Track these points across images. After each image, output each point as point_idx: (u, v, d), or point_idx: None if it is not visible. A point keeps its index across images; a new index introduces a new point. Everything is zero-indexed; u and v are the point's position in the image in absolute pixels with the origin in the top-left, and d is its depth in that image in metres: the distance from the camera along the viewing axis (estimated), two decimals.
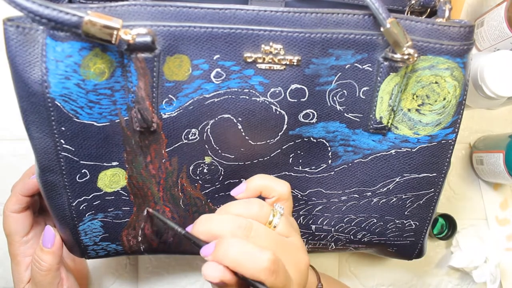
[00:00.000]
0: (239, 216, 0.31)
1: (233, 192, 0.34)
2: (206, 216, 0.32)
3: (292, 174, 0.39)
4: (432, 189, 0.40)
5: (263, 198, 0.35)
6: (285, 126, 0.36)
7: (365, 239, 0.43)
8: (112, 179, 0.37)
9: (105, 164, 0.36)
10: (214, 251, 0.29)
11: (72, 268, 0.48)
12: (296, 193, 0.40)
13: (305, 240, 0.43)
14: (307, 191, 0.40)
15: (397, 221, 0.42)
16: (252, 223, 0.31)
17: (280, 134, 0.36)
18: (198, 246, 0.31)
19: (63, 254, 0.47)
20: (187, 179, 0.38)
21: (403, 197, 0.40)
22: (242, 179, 0.39)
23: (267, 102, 0.35)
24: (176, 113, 0.35)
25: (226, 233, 0.30)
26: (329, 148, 0.38)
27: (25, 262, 0.42)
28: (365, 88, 0.35)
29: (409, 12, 0.38)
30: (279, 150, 0.38)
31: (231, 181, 0.39)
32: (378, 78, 0.35)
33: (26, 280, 0.42)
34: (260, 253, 0.28)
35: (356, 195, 0.40)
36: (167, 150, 0.36)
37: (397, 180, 0.39)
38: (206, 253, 0.30)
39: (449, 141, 0.38)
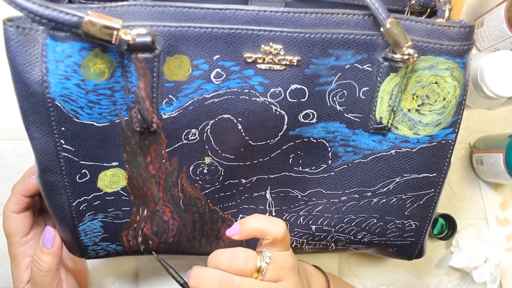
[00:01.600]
0: (225, 270, 0.33)
1: (228, 233, 0.35)
2: (197, 271, 0.34)
3: (292, 174, 0.39)
4: (432, 189, 0.40)
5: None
6: (285, 127, 0.36)
7: (365, 239, 0.43)
8: (112, 179, 0.37)
9: (105, 164, 0.36)
10: None
11: (72, 268, 0.48)
12: (296, 194, 0.40)
13: (305, 240, 0.43)
14: (307, 192, 0.40)
15: (397, 221, 0.42)
16: (234, 281, 0.33)
17: (280, 134, 0.36)
18: None
19: (63, 254, 0.47)
20: (187, 179, 0.38)
21: (403, 197, 0.40)
22: (242, 180, 0.39)
23: (267, 102, 0.35)
24: (176, 113, 0.35)
25: None
26: (329, 149, 0.38)
27: (25, 262, 0.42)
28: (365, 88, 0.35)
29: (409, 12, 0.38)
30: (279, 151, 0.38)
31: (231, 181, 0.39)
32: (378, 78, 0.35)
33: (26, 280, 0.42)
34: None
35: (356, 196, 0.40)
36: (167, 150, 0.36)
37: (397, 180, 0.39)
38: None
39: (449, 141, 0.38)
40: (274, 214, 0.41)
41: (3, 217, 0.42)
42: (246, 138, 0.36)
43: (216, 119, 0.35)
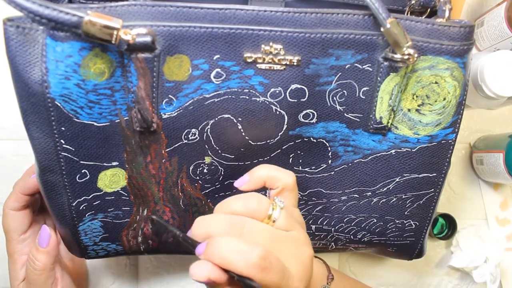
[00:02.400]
0: (236, 213, 0.31)
1: (236, 183, 0.34)
2: (201, 217, 0.31)
3: None
4: (432, 189, 0.40)
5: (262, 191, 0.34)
6: (285, 126, 0.36)
7: (365, 239, 0.43)
8: (112, 179, 0.37)
9: (105, 164, 0.36)
10: (205, 250, 0.29)
11: (70, 268, 0.48)
12: None
13: None
14: (307, 191, 0.40)
15: (397, 221, 0.42)
16: (245, 220, 0.30)
17: (280, 134, 0.36)
18: (194, 247, 0.31)
19: (62, 254, 0.47)
20: (187, 179, 0.38)
21: (403, 197, 0.40)
22: None
23: (267, 102, 0.35)
24: (176, 113, 0.35)
25: (220, 232, 0.30)
26: (329, 148, 0.38)
27: (21, 260, 0.42)
28: (365, 88, 0.35)
29: (409, 12, 0.38)
30: (279, 150, 0.38)
31: (231, 181, 0.39)
32: (378, 78, 0.35)
33: (21, 278, 0.42)
34: (249, 250, 0.28)
35: (356, 195, 0.40)
36: (167, 150, 0.36)
37: (397, 180, 0.39)
38: (199, 252, 0.30)
39: (449, 141, 0.38)
40: None
41: (2, 213, 0.42)
42: (246, 137, 0.36)
43: (216, 119, 0.35)
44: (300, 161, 0.38)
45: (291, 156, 0.38)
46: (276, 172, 0.33)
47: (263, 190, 0.35)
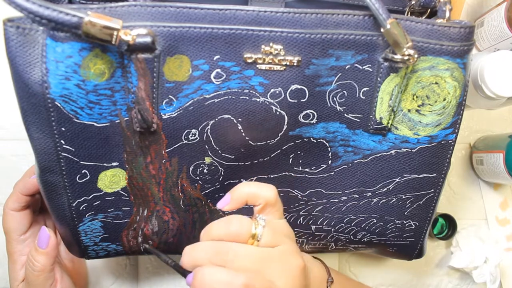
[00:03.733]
0: (220, 238, 0.32)
1: (218, 205, 0.34)
2: (189, 246, 0.32)
3: (292, 174, 0.39)
4: (432, 190, 0.40)
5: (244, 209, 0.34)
6: (285, 127, 0.36)
7: (365, 239, 0.43)
8: (112, 180, 0.37)
9: (105, 164, 0.36)
10: (192, 281, 0.30)
11: (70, 269, 0.48)
12: (296, 194, 0.40)
13: (305, 240, 0.43)
14: (307, 192, 0.40)
15: (397, 221, 0.42)
16: (229, 246, 0.31)
17: (280, 134, 0.36)
18: (184, 275, 0.32)
19: (62, 254, 0.47)
20: (187, 179, 0.38)
21: (403, 197, 0.40)
22: (242, 180, 0.39)
23: (267, 103, 0.35)
24: (176, 113, 0.35)
25: (205, 262, 0.31)
26: (329, 149, 0.38)
27: (21, 260, 0.42)
28: (365, 89, 0.35)
29: (409, 13, 0.38)
30: (279, 151, 0.38)
31: (231, 181, 0.39)
32: (378, 79, 0.35)
33: (21, 278, 0.42)
34: (233, 279, 0.29)
35: (356, 196, 0.40)
36: (167, 150, 0.36)
37: (397, 180, 0.39)
38: (188, 283, 0.31)
39: (449, 141, 0.38)
40: None
41: (2, 214, 0.42)
42: (246, 138, 0.36)
43: (216, 119, 0.35)
44: (300, 161, 0.38)
45: (291, 156, 0.38)
46: (256, 188, 0.34)
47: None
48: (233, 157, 0.37)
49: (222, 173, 0.38)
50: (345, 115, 0.36)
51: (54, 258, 0.40)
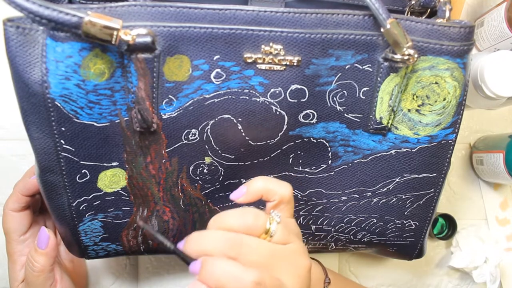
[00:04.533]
0: (233, 229, 0.30)
1: (233, 196, 0.33)
2: (198, 233, 0.31)
3: (292, 174, 0.39)
4: (432, 189, 0.40)
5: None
6: (285, 127, 0.36)
7: (365, 239, 0.43)
8: (112, 179, 0.37)
9: (105, 164, 0.36)
10: (200, 271, 0.29)
11: (70, 269, 0.48)
12: (296, 194, 0.40)
13: (305, 240, 0.43)
14: (307, 191, 0.40)
15: (397, 221, 0.42)
16: (242, 239, 0.30)
17: (280, 134, 0.36)
18: (187, 263, 0.30)
19: (62, 255, 0.47)
20: (187, 179, 0.38)
21: (403, 197, 0.40)
22: (242, 180, 0.39)
23: (267, 103, 0.35)
24: (176, 113, 0.35)
25: (217, 252, 0.29)
26: (329, 149, 0.38)
27: (21, 261, 0.42)
28: (365, 89, 0.35)
29: (409, 13, 0.38)
30: (279, 151, 0.38)
31: (231, 181, 0.39)
32: (378, 79, 0.35)
33: (21, 279, 0.42)
34: (244, 274, 0.28)
35: (356, 195, 0.40)
36: (167, 150, 0.36)
37: (397, 180, 0.39)
38: (193, 271, 0.30)
39: (449, 141, 0.38)
40: None
41: (2, 214, 0.42)
42: (246, 138, 0.36)
43: (216, 119, 0.35)
44: (300, 161, 0.38)
45: (291, 156, 0.38)
46: (273, 184, 0.33)
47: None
48: (233, 157, 0.37)
49: (222, 173, 0.38)
50: (345, 115, 0.36)
51: (53, 259, 0.40)
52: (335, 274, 0.44)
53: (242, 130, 0.36)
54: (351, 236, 0.43)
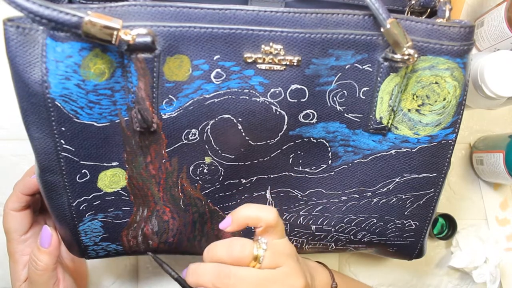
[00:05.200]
0: (222, 261, 0.33)
1: (221, 226, 0.35)
2: (195, 265, 0.34)
3: (292, 174, 0.39)
4: (432, 189, 0.40)
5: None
6: (285, 127, 0.36)
7: (365, 239, 0.43)
8: (112, 179, 0.37)
9: (105, 164, 0.36)
10: None
11: (71, 268, 0.48)
12: (296, 193, 0.40)
13: (305, 240, 0.43)
14: (307, 191, 0.40)
15: (397, 221, 0.42)
16: (230, 271, 0.32)
17: (280, 134, 0.36)
18: None
19: (63, 254, 0.47)
20: (187, 179, 0.38)
21: (403, 197, 0.40)
22: (242, 180, 0.39)
23: (267, 103, 0.35)
24: (176, 113, 0.35)
25: (209, 285, 0.32)
26: (329, 149, 0.38)
27: (23, 260, 0.42)
28: (365, 89, 0.35)
29: (409, 13, 0.38)
30: (279, 151, 0.38)
31: (231, 181, 0.39)
32: (378, 79, 0.35)
33: (23, 279, 0.42)
34: None
35: (356, 195, 0.40)
36: (167, 150, 0.36)
37: (397, 180, 0.39)
38: None
39: (449, 141, 0.38)
40: None
41: (3, 214, 0.42)
42: (246, 138, 0.36)
43: (216, 119, 0.35)
44: (300, 161, 0.38)
45: (291, 156, 0.38)
46: (256, 212, 0.34)
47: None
48: (233, 157, 0.37)
49: (222, 173, 0.38)
50: (345, 115, 0.36)
51: (56, 257, 0.40)
52: (341, 276, 0.45)
53: (242, 130, 0.36)
54: (351, 236, 0.43)
